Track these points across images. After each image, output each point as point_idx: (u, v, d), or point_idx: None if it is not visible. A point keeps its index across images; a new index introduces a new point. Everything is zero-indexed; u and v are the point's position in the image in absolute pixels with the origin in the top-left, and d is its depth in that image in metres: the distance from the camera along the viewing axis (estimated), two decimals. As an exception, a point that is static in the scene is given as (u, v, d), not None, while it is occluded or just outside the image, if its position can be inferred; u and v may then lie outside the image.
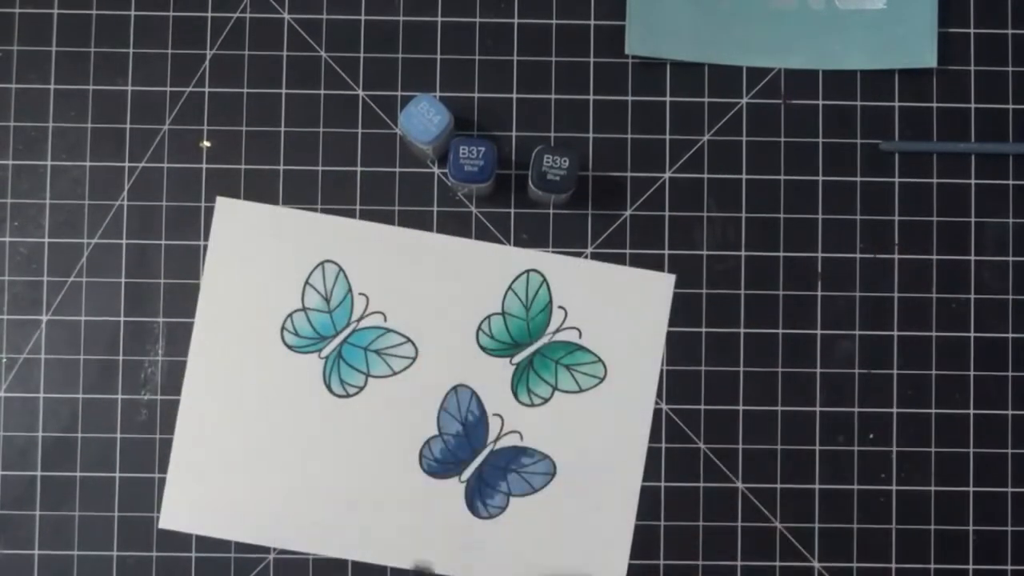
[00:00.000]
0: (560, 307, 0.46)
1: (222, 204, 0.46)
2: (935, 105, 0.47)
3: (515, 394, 0.46)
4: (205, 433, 0.46)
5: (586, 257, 0.46)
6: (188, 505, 0.45)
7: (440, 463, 0.46)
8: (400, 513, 0.45)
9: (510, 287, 0.46)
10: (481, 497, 0.46)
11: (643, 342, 0.46)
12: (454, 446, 0.46)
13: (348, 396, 0.46)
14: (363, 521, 0.45)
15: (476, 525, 0.45)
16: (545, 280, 0.46)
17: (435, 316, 0.46)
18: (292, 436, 0.46)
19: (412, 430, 0.46)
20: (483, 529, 0.45)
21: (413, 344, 0.46)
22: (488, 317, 0.46)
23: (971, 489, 0.46)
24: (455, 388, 0.46)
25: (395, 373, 0.46)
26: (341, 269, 0.46)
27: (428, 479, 0.46)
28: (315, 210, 0.46)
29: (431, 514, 0.46)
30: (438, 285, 0.46)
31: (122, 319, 0.46)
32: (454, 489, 0.46)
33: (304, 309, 0.46)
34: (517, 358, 0.46)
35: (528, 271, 0.46)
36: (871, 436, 0.46)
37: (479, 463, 0.46)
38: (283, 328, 0.46)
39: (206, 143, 0.46)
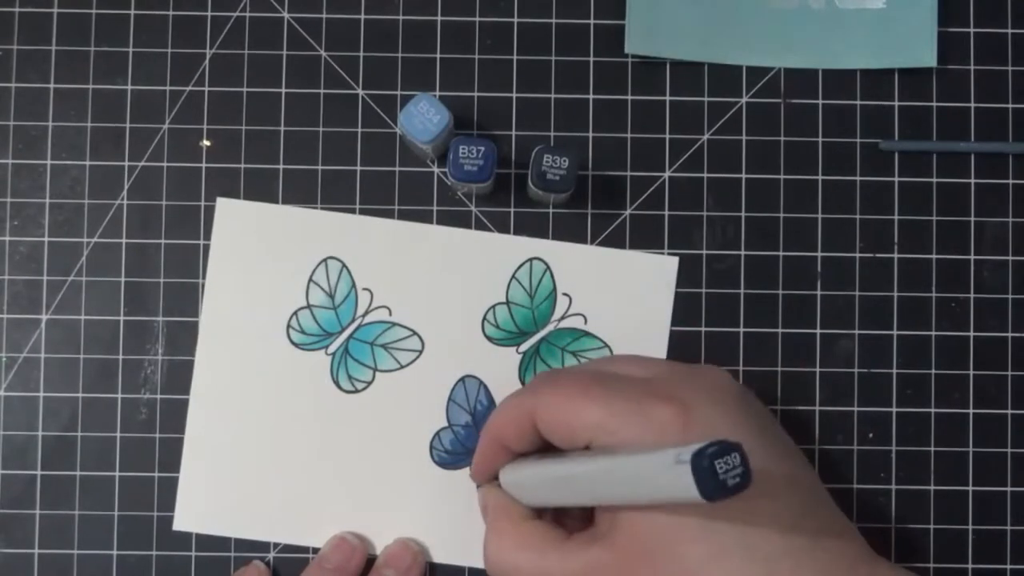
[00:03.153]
0: (564, 294, 0.46)
1: (222, 205, 0.46)
2: (935, 104, 0.47)
3: (523, 382, 0.46)
4: (215, 435, 0.46)
5: (586, 256, 0.46)
6: (202, 506, 0.45)
7: (451, 454, 0.46)
8: (412, 505, 0.46)
9: (514, 276, 0.46)
10: None
11: (648, 325, 0.46)
12: (464, 437, 0.46)
13: (357, 391, 0.46)
14: (375, 514, 0.46)
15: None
16: (548, 268, 0.46)
17: (440, 308, 0.46)
18: (302, 433, 0.46)
19: (421, 422, 0.46)
20: None
21: (419, 337, 0.46)
22: (493, 307, 0.46)
23: (971, 488, 0.46)
24: (463, 379, 0.46)
25: (402, 367, 0.46)
26: (344, 265, 0.46)
27: (439, 470, 0.46)
28: (315, 208, 0.46)
29: (443, 505, 0.46)
30: (442, 277, 0.46)
31: (122, 318, 0.46)
32: (465, 480, 0.46)
33: (309, 307, 0.46)
34: (524, 346, 0.46)
35: (531, 259, 0.46)
36: (870, 435, 0.46)
37: None
38: (288, 326, 0.46)
39: (206, 142, 0.47)
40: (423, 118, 0.43)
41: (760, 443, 0.37)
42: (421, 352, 0.46)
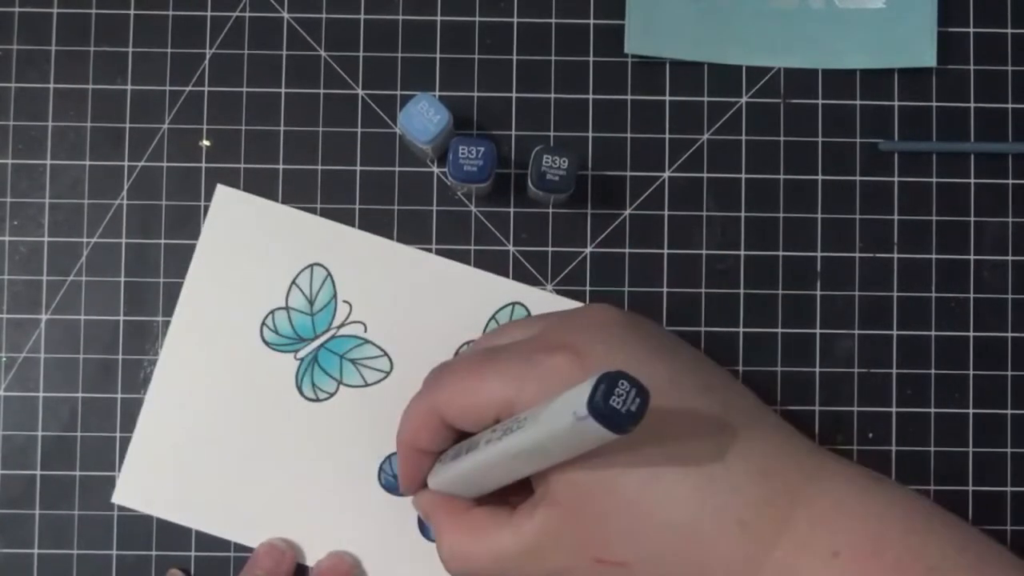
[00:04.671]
0: None
1: (221, 193, 0.46)
2: (934, 104, 0.47)
3: None
4: (171, 415, 0.45)
5: (585, 257, 0.46)
6: (143, 483, 0.45)
7: (398, 479, 0.45)
8: (350, 522, 0.45)
9: (493, 316, 0.46)
10: None
11: None
12: None
13: (318, 400, 0.46)
14: (311, 525, 0.45)
15: (426, 548, 0.45)
16: (529, 314, 0.46)
17: (415, 335, 0.46)
18: (255, 431, 0.45)
19: (375, 443, 0.45)
20: (432, 552, 0.44)
21: (389, 359, 0.46)
22: (467, 343, 0.46)
23: (970, 488, 0.46)
24: None
25: (367, 385, 0.46)
26: (329, 274, 0.46)
27: (383, 494, 0.45)
28: (314, 209, 0.46)
29: (381, 528, 0.45)
30: (423, 305, 0.46)
31: (121, 318, 0.46)
32: (408, 509, 0.45)
33: (287, 308, 0.46)
34: None
35: (513, 303, 0.46)
36: (870, 435, 0.46)
37: None
38: (263, 324, 0.46)
39: (205, 142, 0.47)
40: (423, 118, 0.43)
41: (660, 361, 0.37)
42: (388, 374, 0.46)
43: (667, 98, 0.47)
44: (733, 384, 0.40)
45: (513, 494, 0.40)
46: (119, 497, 0.45)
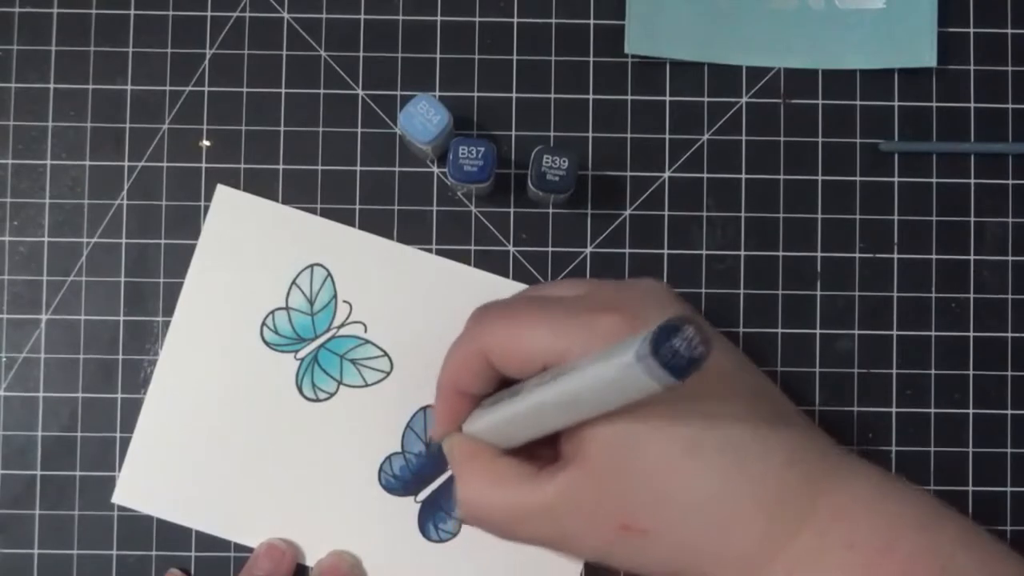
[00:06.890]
0: None
1: (221, 192, 0.46)
2: (935, 105, 0.47)
3: None
4: (171, 415, 0.45)
5: (585, 257, 0.46)
6: (144, 483, 0.45)
7: (398, 479, 0.46)
8: (350, 523, 0.45)
9: None
10: (434, 520, 0.45)
11: None
12: (415, 465, 0.46)
13: (318, 400, 0.46)
14: (312, 525, 0.45)
15: (426, 548, 0.45)
16: None
17: (414, 335, 0.46)
18: (256, 431, 0.45)
19: (375, 443, 0.46)
20: (432, 552, 0.45)
21: (389, 359, 0.46)
22: None
23: (970, 488, 0.46)
24: (424, 408, 0.46)
25: (367, 385, 0.46)
26: (329, 274, 0.46)
27: (383, 494, 0.45)
28: (314, 209, 0.46)
29: (381, 530, 0.45)
30: (422, 305, 0.46)
31: (121, 318, 0.46)
32: (408, 508, 0.45)
33: (287, 308, 0.46)
34: None
35: None
36: (870, 435, 0.46)
37: (437, 486, 0.46)
38: (263, 324, 0.46)
39: (205, 142, 0.47)
40: (423, 118, 0.43)
41: None
42: (388, 374, 0.46)
43: (667, 98, 0.47)
44: (761, 373, 0.41)
45: (544, 449, 0.39)
46: (119, 497, 0.45)
